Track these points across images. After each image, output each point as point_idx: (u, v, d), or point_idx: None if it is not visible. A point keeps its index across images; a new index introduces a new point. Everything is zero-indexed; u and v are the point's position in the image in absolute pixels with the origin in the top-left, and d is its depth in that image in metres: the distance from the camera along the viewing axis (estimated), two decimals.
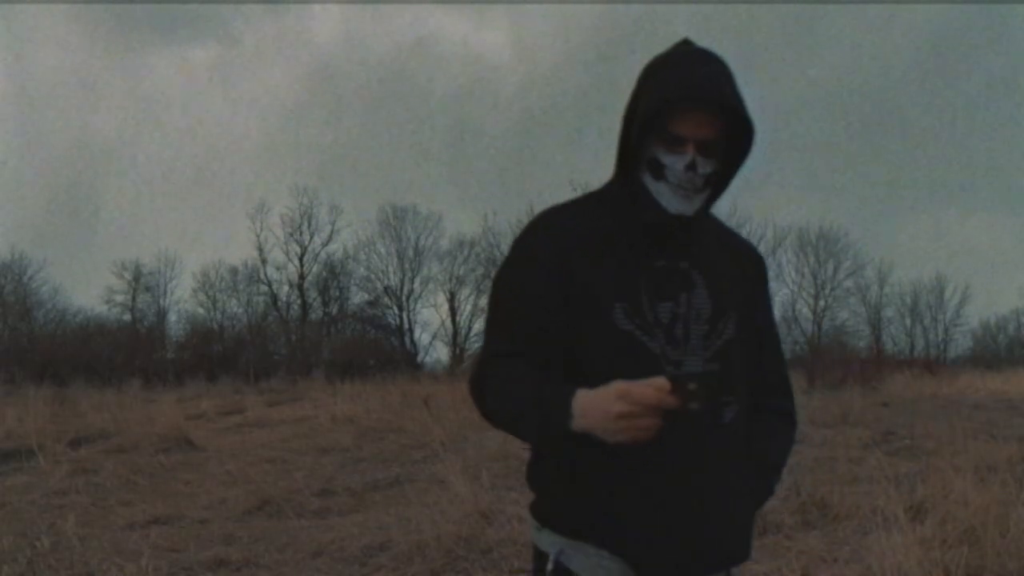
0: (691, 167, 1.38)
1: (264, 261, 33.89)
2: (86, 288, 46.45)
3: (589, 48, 45.26)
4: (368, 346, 31.62)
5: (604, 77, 46.13)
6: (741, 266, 1.51)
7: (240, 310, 33.95)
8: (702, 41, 1.43)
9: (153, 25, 46.40)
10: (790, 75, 46.78)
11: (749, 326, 1.47)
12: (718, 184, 1.44)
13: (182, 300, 39.63)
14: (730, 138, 1.42)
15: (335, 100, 46.85)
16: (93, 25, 46.46)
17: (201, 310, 33.78)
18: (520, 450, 7.91)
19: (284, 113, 46.86)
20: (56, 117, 45.26)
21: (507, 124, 43.52)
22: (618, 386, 1.21)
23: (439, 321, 32.97)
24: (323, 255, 34.32)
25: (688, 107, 1.37)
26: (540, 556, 1.47)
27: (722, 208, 1.53)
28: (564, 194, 2.05)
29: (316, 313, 34.38)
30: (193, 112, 48.31)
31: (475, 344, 31.98)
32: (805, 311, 31.68)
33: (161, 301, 34.19)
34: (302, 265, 34.17)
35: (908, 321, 35.78)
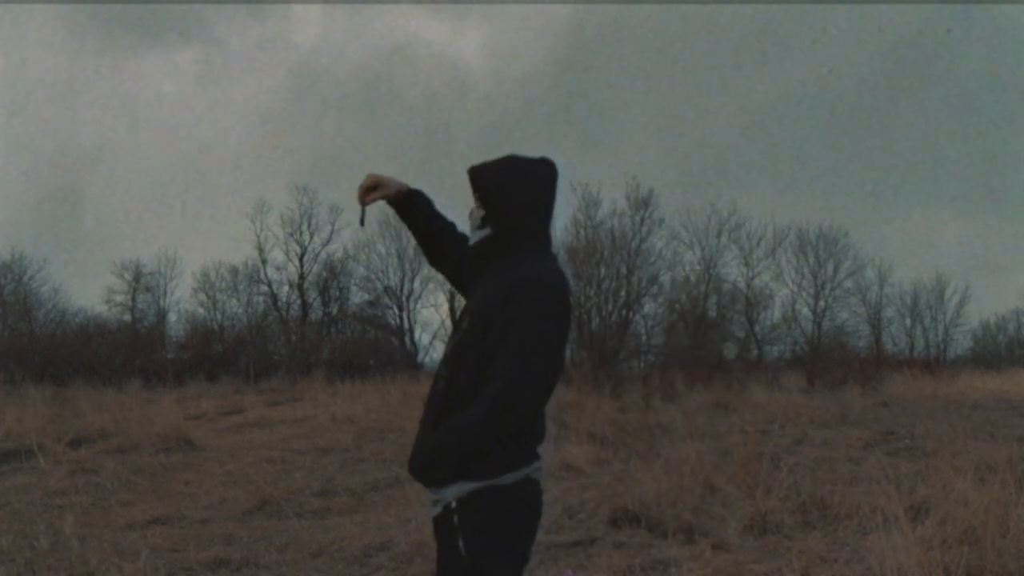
0: (471, 214, 2.29)
1: (264, 261, 33.79)
2: (86, 288, 46.32)
3: (561, 53, 45.34)
4: (368, 346, 31.57)
5: (575, 82, 46.19)
6: (501, 289, 2.11)
7: (240, 310, 33.80)
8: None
9: (140, 29, 46.36)
10: (786, 74, 46.71)
11: (480, 327, 2.12)
12: (495, 224, 2.21)
13: (182, 300, 39.46)
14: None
15: (319, 102, 46.82)
16: (81, 28, 46.36)
17: (201, 310, 33.65)
18: None
19: (273, 114, 46.85)
20: (47, 119, 45.09)
21: (482, 127, 43.53)
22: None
23: (439, 321, 32.78)
24: (323, 255, 34.28)
25: None
26: None
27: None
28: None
29: (316, 313, 34.30)
30: (185, 114, 48.20)
31: None
32: (805, 311, 31.45)
33: (161, 301, 34.04)
34: (302, 265, 34.07)
35: (908, 321, 35.62)
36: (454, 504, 2.09)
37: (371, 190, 2.43)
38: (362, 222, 2.45)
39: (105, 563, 4.82)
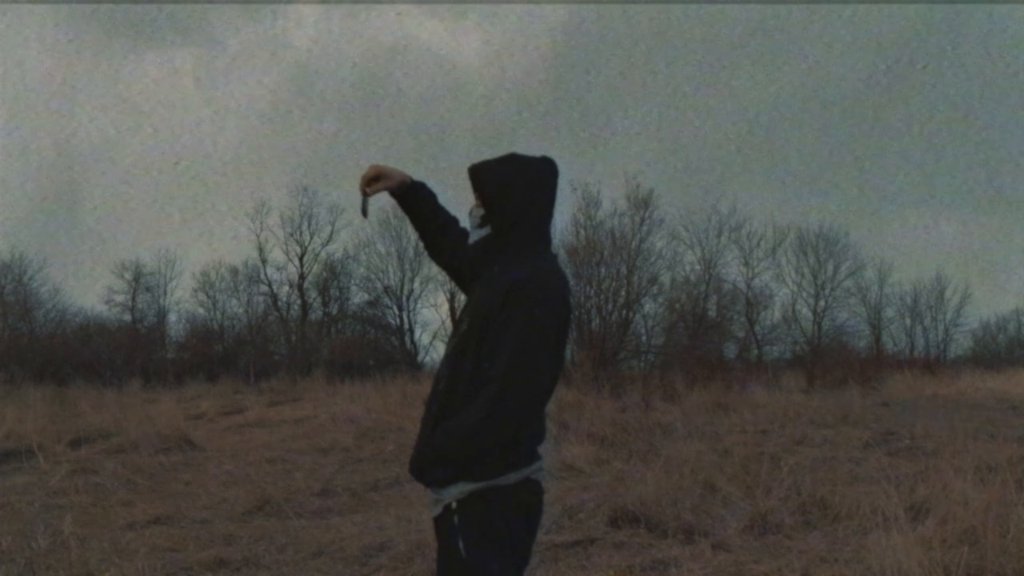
0: (471, 213, 2.29)
1: (264, 261, 33.80)
2: (86, 288, 46.35)
3: (559, 54, 45.46)
4: (368, 346, 31.55)
5: (573, 82, 46.23)
6: (499, 289, 2.11)
7: (240, 310, 33.79)
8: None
9: (138, 29, 46.43)
10: (786, 74, 46.71)
11: (479, 327, 2.11)
12: (495, 223, 2.20)
13: (182, 300, 39.44)
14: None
15: (318, 102, 46.88)
16: (79, 29, 46.39)
17: (201, 310, 33.62)
18: None
19: (272, 114, 46.88)
20: (47, 119, 45.13)
21: (480, 127, 43.59)
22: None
23: (439, 321, 32.76)
24: (323, 255, 34.29)
25: None
26: None
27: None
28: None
29: (316, 313, 34.30)
30: (184, 114, 48.23)
31: None
32: (805, 311, 31.41)
33: (161, 301, 34.01)
34: (302, 265, 34.08)
35: (908, 321, 35.65)
36: (454, 504, 2.09)
37: (374, 181, 2.43)
38: (364, 212, 2.44)
39: (105, 563, 4.82)
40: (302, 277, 34.04)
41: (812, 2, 42.06)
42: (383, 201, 2.51)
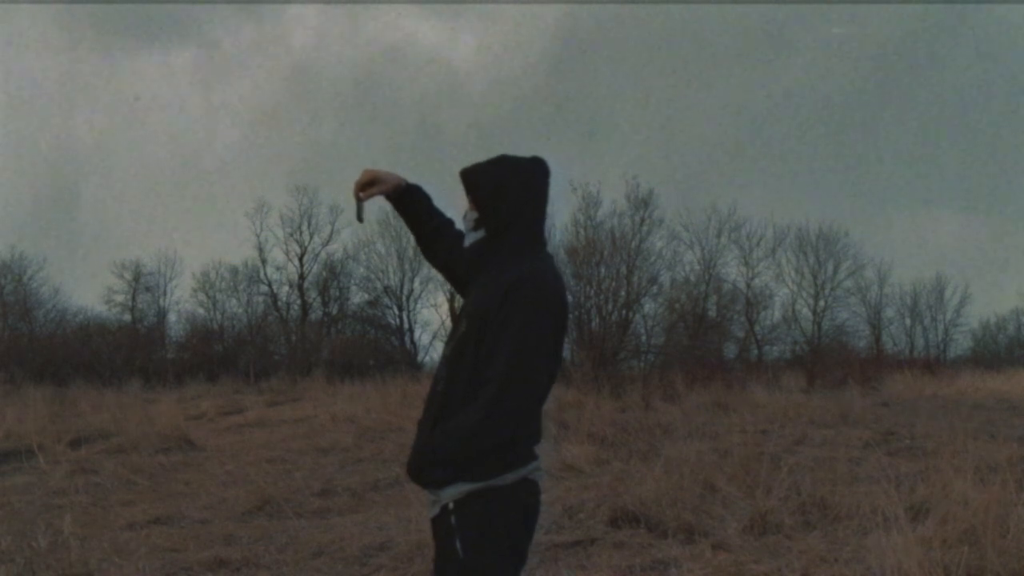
0: (464, 217, 2.30)
1: (264, 261, 33.85)
2: (86, 288, 46.41)
3: (555, 54, 45.59)
4: (368, 346, 31.56)
5: (570, 82, 46.37)
6: (496, 290, 2.11)
7: (240, 310, 33.84)
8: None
9: (137, 30, 46.53)
10: (785, 74, 46.71)
11: (476, 329, 2.12)
12: (490, 226, 2.21)
13: (182, 300, 39.54)
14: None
15: (316, 102, 47.01)
16: (78, 29, 46.48)
17: (201, 310, 33.67)
18: None
19: (270, 114, 46.97)
20: (45, 119, 45.23)
21: (477, 127, 43.66)
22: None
23: (439, 321, 32.75)
24: (323, 255, 34.32)
25: None
26: None
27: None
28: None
29: (316, 313, 34.32)
30: (183, 114, 48.31)
31: None
32: (805, 311, 31.39)
33: (161, 301, 34.07)
34: (302, 265, 34.12)
35: (908, 321, 35.70)
36: (451, 505, 2.10)
37: (368, 185, 2.43)
38: (360, 218, 2.45)
39: (105, 563, 4.82)
40: (302, 277, 34.08)
41: (812, 2, 42.11)
42: (383, 201, 2.51)
